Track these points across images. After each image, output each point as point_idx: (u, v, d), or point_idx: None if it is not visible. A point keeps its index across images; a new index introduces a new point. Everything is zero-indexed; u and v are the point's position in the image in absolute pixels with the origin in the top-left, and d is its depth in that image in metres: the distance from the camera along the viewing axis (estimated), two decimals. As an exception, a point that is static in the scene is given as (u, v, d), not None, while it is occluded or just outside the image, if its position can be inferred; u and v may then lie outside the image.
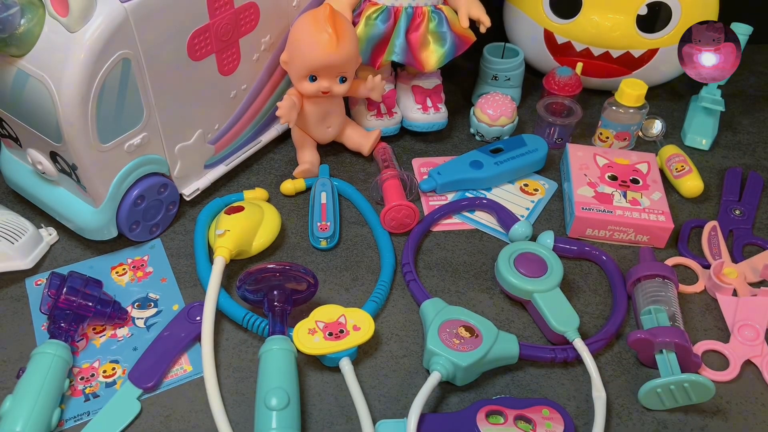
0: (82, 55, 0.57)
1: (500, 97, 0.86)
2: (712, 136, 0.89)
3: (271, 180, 0.82)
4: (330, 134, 0.83)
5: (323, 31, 0.72)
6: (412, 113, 0.86)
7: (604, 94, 0.94)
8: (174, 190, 0.74)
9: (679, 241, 0.75)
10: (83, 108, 0.59)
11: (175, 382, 0.60)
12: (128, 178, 0.67)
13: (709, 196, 0.81)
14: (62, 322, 0.60)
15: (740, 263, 0.72)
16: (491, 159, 0.81)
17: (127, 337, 0.64)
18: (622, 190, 0.76)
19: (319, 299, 0.67)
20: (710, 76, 0.86)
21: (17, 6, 0.57)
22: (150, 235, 0.73)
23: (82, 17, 0.57)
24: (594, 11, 0.90)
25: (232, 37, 0.71)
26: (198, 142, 0.74)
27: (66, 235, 0.74)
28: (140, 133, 0.66)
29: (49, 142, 0.63)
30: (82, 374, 0.61)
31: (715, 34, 0.84)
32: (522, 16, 0.95)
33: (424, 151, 0.87)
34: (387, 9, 0.80)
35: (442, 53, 0.82)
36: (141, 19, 0.60)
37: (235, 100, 0.77)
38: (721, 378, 0.62)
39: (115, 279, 0.69)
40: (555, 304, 0.63)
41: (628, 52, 0.91)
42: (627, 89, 0.82)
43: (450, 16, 0.82)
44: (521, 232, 0.72)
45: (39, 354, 0.58)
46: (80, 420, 0.57)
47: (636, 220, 0.73)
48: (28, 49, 0.59)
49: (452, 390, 0.60)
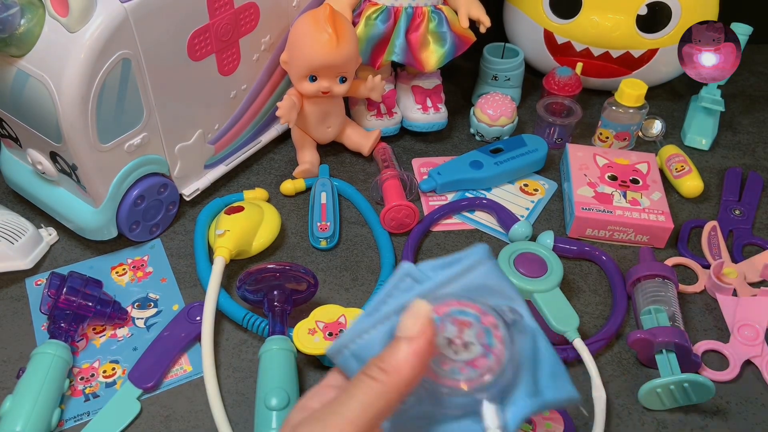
0: (82, 55, 0.57)
1: (500, 97, 0.86)
2: (712, 136, 0.89)
3: (271, 180, 0.82)
4: (330, 134, 0.83)
5: (323, 31, 0.72)
6: (412, 113, 0.86)
7: (603, 94, 0.94)
8: (174, 190, 0.74)
9: (679, 241, 0.75)
10: (83, 108, 0.59)
11: (175, 382, 0.60)
12: (128, 178, 0.67)
13: (708, 196, 0.81)
14: (62, 322, 0.60)
15: (740, 263, 0.72)
16: (491, 159, 0.81)
17: (127, 337, 0.64)
18: (622, 190, 0.76)
19: (319, 299, 0.67)
20: (710, 76, 0.86)
21: (17, 6, 0.57)
22: (150, 235, 0.73)
23: (82, 17, 0.57)
24: (594, 11, 0.90)
25: (232, 37, 0.71)
26: (198, 142, 0.74)
27: (66, 235, 0.74)
28: (140, 133, 0.66)
29: (49, 142, 0.63)
30: (82, 374, 0.61)
31: (715, 34, 0.84)
32: (522, 16, 0.95)
33: (424, 151, 0.87)
34: (387, 9, 0.80)
35: (442, 53, 0.82)
36: (141, 19, 0.60)
37: (235, 101, 0.77)
38: (721, 378, 0.62)
39: (115, 279, 0.69)
40: (555, 304, 0.63)
41: (627, 52, 0.91)
42: (627, 89, 0.82)
43: (450, 16, 0.82)
44: (521, 232, 0.72)
45: (39, 354, 0.58)
46: (80, 420, 0.57)
47: (636, 220, 0.73)
48: (28, 49, 0.59)
49: (452, 390, 0.60)
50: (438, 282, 0.35)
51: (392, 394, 0.31)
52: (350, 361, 0.36)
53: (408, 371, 0.31)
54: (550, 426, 0.56)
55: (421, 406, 0.34)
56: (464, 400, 0.33)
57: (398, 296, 0.36)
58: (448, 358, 0.33)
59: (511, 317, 0.35)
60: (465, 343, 0.33)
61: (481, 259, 0.36)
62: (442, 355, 0.33)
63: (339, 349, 0.36)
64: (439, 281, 0.35)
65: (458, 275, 0.35)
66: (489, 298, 0.36)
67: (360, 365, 0.35)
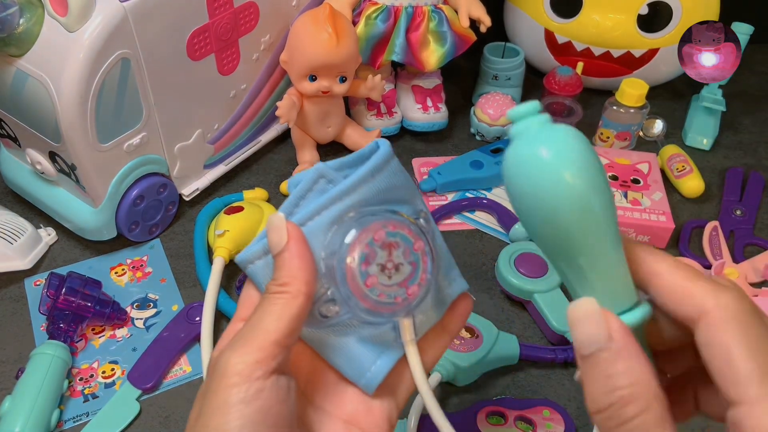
0: (81, 54, 0.57)
1: (501, 96, 0.86)
2: (713, 136, 0.89)
3: (271, 180, 0.82)
4: (330, 134, 0.83)
5: (323, 31, 0.72)
6: (412, 113, 0.86)
7: (604, 93, 0.94)
8: (173, 190, 0.73)
9: (680, 241, 0.75)
10: (82, 108, 0.59)
11: (174, 382, 0.60)
12: (127, 178, 0.67)
13: (710, 196, 0.81)
14: (61, 323, 0.60)
15: (741, 263, 0.72)
16: (492, 159, 0.81)
17: (126, 338, 0.64)
18: (623, 190, 0.76)
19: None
20: (710, 76, 0.85)
21: (16, 5, 0.57)
22: (149, 236, 0.73)
23: (81, 17, 0.56)
24: (595, 11, 0.90)
25: (232, 37, 0.71)
26: (197, 141, 0.74)
27: (65, 236, 0.73)
28: (139, 132, 0.66)
29: (48, 142, 0.63)
30: (81, 375, 0.61)
31: (715, 34, 0.84)
32: (522, 15, 0.95)
33: (424, 151, 0.87)
34: (387, 8, 0.80)
35: (442, 53, 0.82)
36: (140, 19, 0.60)
37: (234, 100, 0.76)
38: (722, 379, 0.61)
39: (114, 279, 0.69)
40: (555, 304, 0.63)
41: (628, 51, 0.91)
42: (628, 89, 0.82)
43: (450, 16, 0.82)
44: (522, 232, 0.72)
45: (38, 354, 0.58)
46: (79, 421, 0.57)
47: (637, 221, 0.73)
48: (27, 49, 0.59)
49: (452, 391, 0.60)
50: (350, 184, 0.34)
51: (299, 299, 0.32)
52: (261, 270, 0.36)
53: (302, 275, 0.32)
54: (550, 426, 0.56)
55: (343, 318, 0.35)
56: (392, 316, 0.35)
57: (313, 198, 0.36)
58: (382, 284, 0.33)
59: (427, 226, 0.36)
60: (396, 266, 0.33)
61: (388, 158, 0.35)
62: (378, 284, 0.33)
63: (250, 259, 0.36)
64: (351, 184, 0.34)
65: (368, 176, 0.34)
66: (401, 204, 0.36)
67: (266, 277, 0.35)
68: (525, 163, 0.29)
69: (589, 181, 0.29)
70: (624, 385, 0.26)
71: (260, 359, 0.30)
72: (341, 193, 0.34)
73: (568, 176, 0.28)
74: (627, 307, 0.31)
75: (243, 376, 0.30)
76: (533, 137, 0.29)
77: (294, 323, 0.32)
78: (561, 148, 0.29)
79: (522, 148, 0.30)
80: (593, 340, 0.28)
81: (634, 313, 0.31)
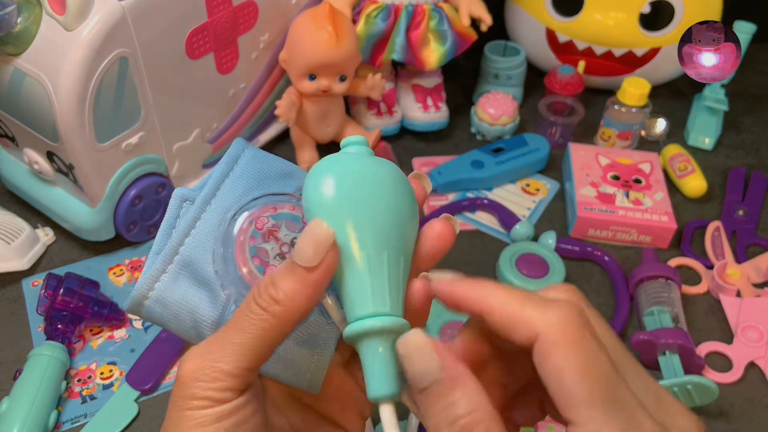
0: (79, 53, 0.56)
1: (501, 96, 0.86)
2: (715, 136, 0.89)
3: (271, 180, 0.81)
4: (329, 133, 0.83)
5: (323, 30, 0.71)
6: (412, 112, 0.86)
7: (606, 93, 0.94)
8: (172, 189, 0.73)
9: (682, 241, 0.74)
10: (80, 107, 0.58)
11: (173, 384, 0.60)
12: (126, 178, 0.67)
13: (712, 196, 0.81)
14: (59, 324, 0.60)
15: (744, 264, 0.71)
16: (492, 158, 0.80)
17: (124, 339, 0.63)
18: (625, 190, 0.75)
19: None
20: (710, 76, 0.85)
21: (14, 4, 0.57)
22: (147, 236, 0.73)
23: (79, 15, 0.56)
24: (596, 9, 0.89)
25: (231, 36, 0.71)
26: (196, 141, 0.73)
27: (63, 236, 0.73)
28: (138, 132, 0.65)
29: (46, 142, 0.62)
30: (79, 376, 0.60)
31: (714, 34, 0.84)
32: (523, 14, 0.95)
33: (425, 151, 0.87)
34: (387, 7, 0.80)
35: (442, 52, 0.82)
36: (138, 18, 0.59)
37: (233, 99, 0.76)
38: (724, 380, 0.61)
39: (112, 280, 0.69)
40: (557, 305, 0.63)
41: (630, 50, 0.91)
42: (630, 88, 0.82)
43: (451, 15, 0.81)
44: (523, 233, 0.71)
45: (36, 356, 0.57)
46: (77, 422, 0.57)
47: (639, 221, 0.72)
48: (25, 48, 0.58)
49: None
50: (212, 185, 0.33)
51: (285, 326, 0.28)
52: (156, 307, 0.33)
53: (303, 302, 0.28)
54: (552, 429, 0.55)
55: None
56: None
57: (181, 225, 0.34)
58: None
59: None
60: (290, 243, 0.33)
61: (239, 150, 0.34)
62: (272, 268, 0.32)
63: (138, 301, 0.33)
64: (213, 184, 0.33)
65: (225, 172, 0.34)
66: (283, 183, 0.35)
67: (166, 309, 0.33)
68: (314, 169, 0.31)
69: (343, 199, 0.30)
70: (464, 413, 0.26)
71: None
72: (207, 196, 0.33)
73: (325, 188, 0.30)
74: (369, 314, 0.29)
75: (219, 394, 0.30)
76: (336, 158, 0.31)
77: (269, 351, 0.30)
78: (341, 167, 0.31)
79: (323, 160, 0.31)
80: (427, 373, 0.27)
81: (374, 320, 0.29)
